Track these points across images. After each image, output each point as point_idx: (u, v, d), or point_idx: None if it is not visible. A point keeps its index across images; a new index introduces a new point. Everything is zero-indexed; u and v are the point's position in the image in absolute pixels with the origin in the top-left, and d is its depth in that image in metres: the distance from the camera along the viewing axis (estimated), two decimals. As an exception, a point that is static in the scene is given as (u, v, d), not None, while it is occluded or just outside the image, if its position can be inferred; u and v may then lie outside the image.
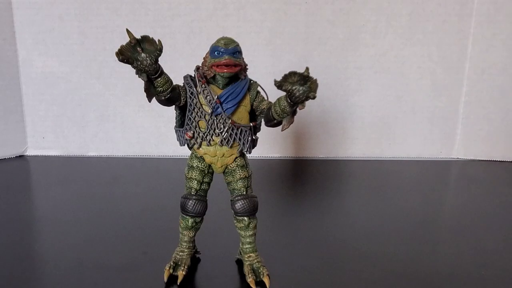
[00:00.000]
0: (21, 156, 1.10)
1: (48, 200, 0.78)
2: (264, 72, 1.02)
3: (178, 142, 0.50)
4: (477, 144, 1.11)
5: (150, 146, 1.10)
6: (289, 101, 0.41)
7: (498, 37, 1.03)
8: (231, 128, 0.46)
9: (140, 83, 0.43)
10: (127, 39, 0.41)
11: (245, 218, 0.49)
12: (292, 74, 0.40)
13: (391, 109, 1.09)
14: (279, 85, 0.40)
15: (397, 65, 1.06)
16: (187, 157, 0.50)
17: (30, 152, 1.12)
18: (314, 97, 0.40)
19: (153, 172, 0.97)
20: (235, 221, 0.50)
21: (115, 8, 1.02)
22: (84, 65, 1.06)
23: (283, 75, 0.40)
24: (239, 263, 0.54)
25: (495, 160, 1.10)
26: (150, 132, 1.09)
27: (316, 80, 0.40)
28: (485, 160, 1.10)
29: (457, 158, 1.12)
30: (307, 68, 0.40)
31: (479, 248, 0.60)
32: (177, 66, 1.00)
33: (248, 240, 0.50)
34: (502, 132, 1.09)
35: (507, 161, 1.10)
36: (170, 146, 1.09)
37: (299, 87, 0.40)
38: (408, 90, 1.08)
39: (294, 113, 0.43)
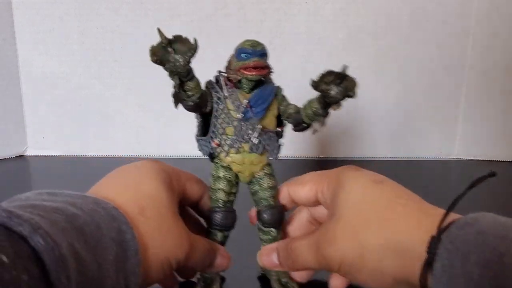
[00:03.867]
0: (21, 156, 1.10)
1: (48, 200, 0.78)
2: (264, 72, 1.02)
3: (200, 152, 0.46)
4: (477, 144, 1.11)
5: (150, 146, 1.10)
6: (324, 102, 0.40)
7: (498, 37, 1.03)
8: (260, 134, 0.43)
9: (140, 83, 0.43)
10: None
11: (273, 229, 0.46)
12: (328, 73, 0.38)
13: (391, 109, 1.09)
14: (315, 85, 0.39)
15: (397, 65, 1.06)
16: (187, 157, 0.49)
17: (30, 152, 1.12)
18: (354, 95, 0.38)
19: (153, 172, 0.97)
20: (260, 233, 0.47)
21: (115, 8, 1.02)
22: (84, 65, 1.06)
23: (319, 74, 0.38)
24: (263, 279, 0.50)
25: (495, 160, 1.10)
26: (150, 132, 1.09)
27: (354, 78, 0.38)
28: (485, 160, 1.10)
29: (457, 158, 1.12)
30: (344, 66, 0.38)
31: (479, 248, 0.60)
32: (177, 66, 1.00)
33: None
34: (502, 132, 1.09)
35: (507, 161, 1.10)
36: (170, 146, 1.09)
37: (335, 86, 0.38)
38: (408, 90, 1.08)
39: (326, 115, 0.42)
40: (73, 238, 0.27)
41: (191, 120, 0.47)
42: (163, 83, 0.44)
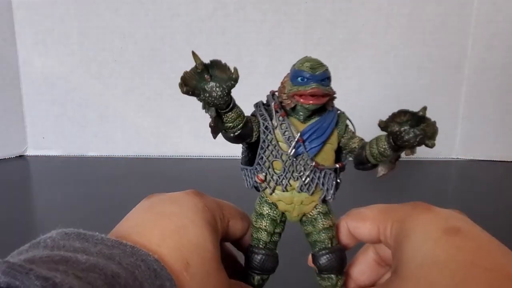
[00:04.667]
0: (21, 156, 1.10)
1: (48, 200, 0.78)
2: (264, 72, 1.02)
3: (245, 183, 0.40)
4: (477, 144, 1.11)
5: (150, 146, 1.10)
6: (393, 144, 0.34)
7: (498, 37, 1.03)
8: (313, 171, 0.37)
9: (140, 83, 0.43)
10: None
11: (333, 276, 0.39)
12: (402, 113, 0.33)
13: (391, 109, 1.09)
14: (384, 126, 0.34)
15: (397, 65, 1.06)
16: (187, 157, 0.47)
17: (30, 152, 1.12)
18: (432, 145, 0.32)
19: (153, 172, 0.97)
20: (318, 279, 0.40)
21: (115, 8, 1.02)
22: (84, 65, 1.06)
23: (391, 113, 0.33)
24: None
25: (495, 160, 1.10)
26: (150, 132, 1.09)
27: (434, 122, 0.32)
28: (485, 160, 1.10)
29: (457, 158, 1.12)
30: (424, 108, 0.32)
31: (479, 248, 0.60)
32: (177, 66, 1.00)
33: None
34: (502, 132, 1.09)
35: (507, 161, 1.10)
36: (170, 146, 1.09)
37: (409, 128, 0.33)
38: (408, 90, 1.08)
39: (396, 158, 0.36)
40: None
41: (191, 120, 0.46)
42: (163, 83, 0.43)
